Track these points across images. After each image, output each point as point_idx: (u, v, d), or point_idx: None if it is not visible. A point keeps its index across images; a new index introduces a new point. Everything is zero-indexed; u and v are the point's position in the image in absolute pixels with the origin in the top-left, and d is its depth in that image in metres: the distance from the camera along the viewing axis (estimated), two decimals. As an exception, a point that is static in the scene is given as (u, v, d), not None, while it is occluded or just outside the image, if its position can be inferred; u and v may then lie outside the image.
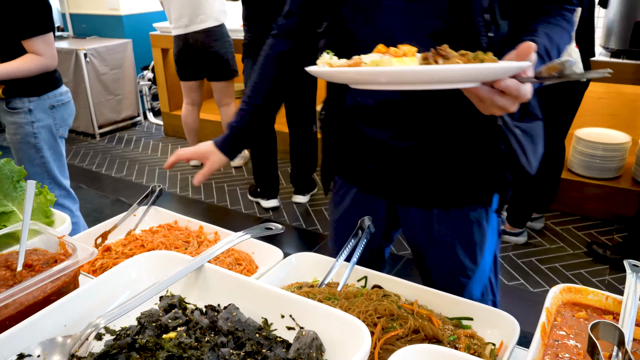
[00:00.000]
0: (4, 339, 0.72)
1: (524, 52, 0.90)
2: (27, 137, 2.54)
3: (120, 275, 0.85)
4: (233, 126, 1.48)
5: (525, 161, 1.21)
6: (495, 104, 0.91)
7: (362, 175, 1.44)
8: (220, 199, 4.21)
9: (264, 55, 1.49)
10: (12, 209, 1.09)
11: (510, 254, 3.29)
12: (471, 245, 1.38)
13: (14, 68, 2.38)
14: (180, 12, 4.07)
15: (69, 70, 5.48)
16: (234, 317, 0.74)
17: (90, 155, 5.29)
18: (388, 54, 0.95)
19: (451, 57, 0.90)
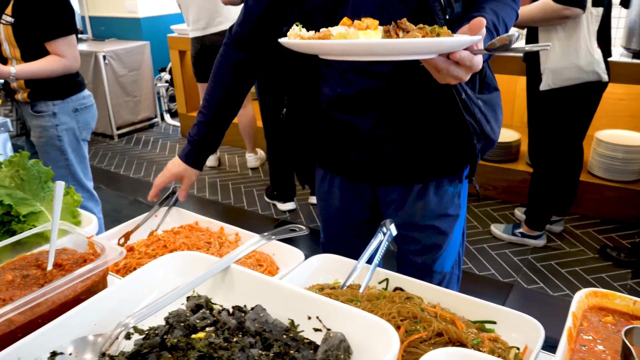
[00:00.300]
0: (37, 337, 0.73)
1: (476, 26, 0.98)
2: (51, 139, 2.61)
3: (148, 275, 0.86)
4: (192, 140, 1.59)
5: (489, 129, 1.35)
6: (451, 74, 1.00)
7: (344, 163, 1.53)
8: (237, 200, 4.23)
9: (216, 65, 1.58)
10: (40, 209, 1.11)
11: (529, 257, 3.27)
12: (447, 219, 1.51)
13: (37, 68, 2.44)
14: (198, 15, 4.11)
15: (88, 72, 5.55)
16: (261, 318, 0.74)
17: (108, 156, 5.35)
18: (353, 26, 1.03)
19: (410, 30, 1.00)
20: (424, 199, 1.48)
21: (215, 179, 4.64)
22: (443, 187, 1.48)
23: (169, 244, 1.42)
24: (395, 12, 1.24)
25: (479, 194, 1.57)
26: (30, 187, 1.13)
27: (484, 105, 1.34)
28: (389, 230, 1.27)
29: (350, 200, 1.61)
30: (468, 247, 3.41)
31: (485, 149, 1.40)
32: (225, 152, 5.24)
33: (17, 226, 1.07)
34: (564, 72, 2.79)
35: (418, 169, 1.44)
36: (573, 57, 2.75)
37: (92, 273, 0.84)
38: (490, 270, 3.16)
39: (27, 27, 2.43)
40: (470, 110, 1.29)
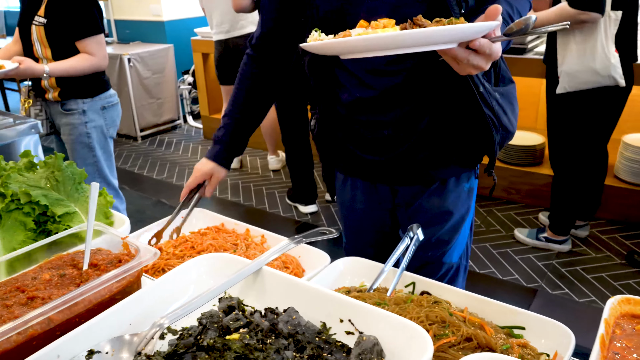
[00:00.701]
0: (75, 335, 0.75)
1: (493, 13, 0.98)
2: (80, 137, 2.72)
3: (181, 276, 0.88)
4: (218, 140, 1.63)
5: (507, 120, 1.37)
6: (471, 63, 1.00)
7: (363, 166, 1.55)
8: (258, 202, 4.26)
9: (240, 72, 1.63)
10: (74, 209, 1.13)
11: (553, 262, 3.22)
12: (459, 215, 1.53)
13: (68, 66, 2.54)
14: (222, 18, 4.15)
15: (113, 75, 5.64)
16: (294, 320, 0.75)
17: (132, 158, 5.43)
18: (370, 27, 1.05)
19: (426, 25, 0.99)
20: (440, 196, 1.51)
21: (237, 181, 4.68)
22: (460, 184, 1.51)
23: (197, 245, 1.44)
24: (410, 11, 1.25)
25: (494, 187, 1.58)
26: (65, 188, 1.15)
27: (500, 97, 1.35)
28: (415, 234, 1.27)
29: (371, 203, 1.63)
30: (491, 251, 3.38)
31: (504, 141, 1.41)
32: (247, 154, 5.27)
33: (52, 226, 1.10)
34: (580, 75, 2.75)
35: (437, 165, 1.46)
36: (589, 60, 2.71)
37: (127, 273, 0.86)
38: (514, 275, 3.12)
39: (58, 27, 2.54)
40: (489, 103, 1.30)
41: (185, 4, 6.23)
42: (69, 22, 2.53)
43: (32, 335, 0.77)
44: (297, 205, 4.08)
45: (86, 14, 2.55)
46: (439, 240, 1.56)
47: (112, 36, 6.64)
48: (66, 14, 2.52)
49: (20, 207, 1.06)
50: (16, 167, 1.19)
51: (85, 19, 2.54)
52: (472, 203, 1.57)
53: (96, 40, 2.60)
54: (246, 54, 1.61)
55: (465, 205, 1.54)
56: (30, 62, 2.45)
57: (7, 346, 0.74)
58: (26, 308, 0.81)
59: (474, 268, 3.21)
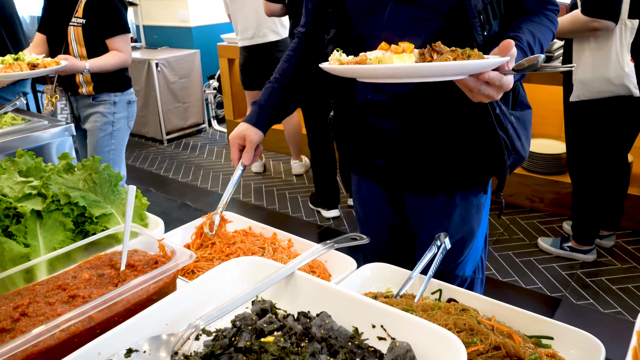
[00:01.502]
0: (115, 334, 0.78)
1: (505, 48, 1.04)
2: (105, 125, 3.00)
3: (216, 279, 0.90)
4: (256, 102, 1.59)
5: (520, 145, 1.38)
6: (482, 93, 1.06)
7: (374, 170, 1.58)
8: (282, 206, 4.29)
9: (290, 48, 1.64)
10: (111, 211, 1.17)
11: (578, 271, 3.18)
12: (470, 229, 1.53)
13: (103, 62, 2.82)
14: (246, 25, 4.22)
15: (141, 79, 5.74)
16: (327, 324, 0.77)
17: (158, 160, 5.51)
18: (389, 50, 1.11)
19: (444, 52, 1.07)
20: (448, 209, 1.51)
21: (260, 185, 4.72)
22: (468, 199, 1.50)
23: (225, 249, 1.46)
24: (431, 24, 1.28)
25: (502, 209, 1.57)
26: (102, 190, 1.19)
27: (516, 121, 1.37)
28: (443, 243, 1.28)
29: (384, 207, 1.66)
30: (514, 259, 3.35)
31: (515, 165, 1.41)
32: (270, 159, 5.31)
33: (90, 227, 1.13)
34: (593, 83, 2.71)
35: (444, 179, 1.47)
36: (602, 68, 2.66)
37: (164, 275, 0.88)
38: (537, 284, 3.09)
39: (94, 27, 2.82)
40: (504, 125, 1.31)
41: (212, 10, 6.33)
42: (103, 22, 2.81)
43: (74, 332, 0.80)
44: (320, 210, 4.10)
45: (117, 15, 2.84)
46: (449, 253, 1.53)
47: (140, 41, 6.77)
48: (101, 14, 2.80)
49: (60, 208, 1.10)
50: (55, 168, 1.23)
51: (117, 19, 2.84)
52: (483, 217, 1.57)
53: (124, 38, 2.89)
54: (296, 35, 1.64)
55: (475, 220, 1.54)
56: (73, 60, 2.69)
57: (51, 342, 0.77)
58: (68, 306, 0.85)
59: (497, 276, 3.18)
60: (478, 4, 1.22)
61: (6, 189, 1.10)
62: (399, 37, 1.30)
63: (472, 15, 1.21)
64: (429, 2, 1.26)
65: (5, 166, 1.20)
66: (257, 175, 4.93)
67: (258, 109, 1.57)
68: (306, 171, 4.92)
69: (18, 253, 0.98)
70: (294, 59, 1.62)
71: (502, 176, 1.42)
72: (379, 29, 1.34)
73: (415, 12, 1.29)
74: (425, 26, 1.29)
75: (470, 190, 1.50)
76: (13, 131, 2.29)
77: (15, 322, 0.80)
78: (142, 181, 4.93)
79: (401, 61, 1.04)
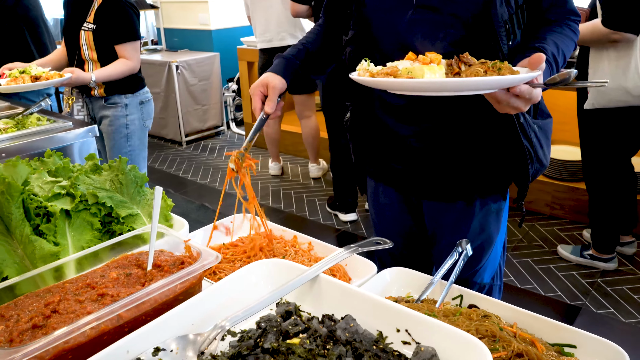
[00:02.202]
0: (143, 333, 0.79)
1: (536, 62, 1.06)
2: (120, 127, 3.03)
3: (242, 280, 0.91)
4: (284, 56, 1.54)
5: (542, 154, 1.38)
6: (511, 105, 1.08)
7: (392, 175, 1.58)
8: (299, 209, 4.30)
9: (318, 24, 1.63)
10: (137, 211, 1.19)
11: (598, 280, 3.14)
12: (488, 236, 1.53)
13: (109, 72, 2.86)
14: (265, 28, 4.25)
15: (161, 81, 5.81)
16: (352, 327, 0.77)
17: (177, 162, 5.57)
18: (417, 61, 1.14)
19: (472, 64, 1.10)
20: (466, 216, 1.51)
21: (278, 188, 4.74)
22: (487, 205, 1.50)
23: (248, 250, 1.47)
24: (452, 31, 1.28)
25: (523, 218, 1.55)
26: (128, 190, 1.21)
27: (539, 130, 1.37)
28: (464, 249, 1.28)
29: (402, 213, 1.66)
30: (533, 266, 3.32)
31: (536, 174, 1.41)
32: (288, 162, 5.34)
33: (116, 227, 1.15)
34: (610, 93, 2.68)
35: (463, 185, 1.47)
36: (620, 78, 2.64)
37: (190, 275, 0.90)
38: (557, 292, 3.06)
39: (104, 32, 2.86)
40: (527, 134, 1.31)
41: (232, 13, 6.38)
42: (113, 28, 2.85)
43: (103, 330, 0.81)
44: (337, 214, 4.10)
45: (128, 22, 2.87)
46: (468, 260, 1.55)
47: (161, 44, 6.85)
48: (112, 20, 2.84)
49: (88, 208, 1.12)
50: (83, 169, 1.25)
51: (127, 26, 2.87)
52: (502, 224, 1.56)
53: (133, 46, 2.93)
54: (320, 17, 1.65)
55: (494, 226, 1.54)
56: (79, 72, 2.74)
57: (81, 339, 0.79)
58: (97, 304, 0.86)
59: (515, 283, 3.16)
60: (504, 14, 1.21)
61: (36, 188, 1.13)
62: (419, 42, 1.31)
63: (498, 25, 1.21)
64: (450, 9, 1.26)
65: (35, 166, 1.22)
66: (275, 177, 4.96)
67: (284, 61, 1.52)
68: (324, 174, 4.93)
69: (48, 251, 1.00)
70: (321, 32, 1.60)
71: (524, 185, 1.42)
72: (399, 33, 1.34)
73: (436, 18, 1.28)
74: (447, 33, 1.29)
75: (490, 196, 1.50)
76: (38, 131, 2.33)
77: (47, 318, 0.82)
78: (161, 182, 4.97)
79: (431, 73, 1.05)
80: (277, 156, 5.00)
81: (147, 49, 6.63)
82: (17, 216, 1.02)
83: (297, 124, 5.24)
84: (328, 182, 4.78)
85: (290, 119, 5.62)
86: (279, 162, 5.04)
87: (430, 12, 1.28)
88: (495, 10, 1.19)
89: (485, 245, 1.54)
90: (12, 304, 0.87)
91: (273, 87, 1.46)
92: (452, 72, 1.12)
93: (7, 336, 0.79)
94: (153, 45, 6.89)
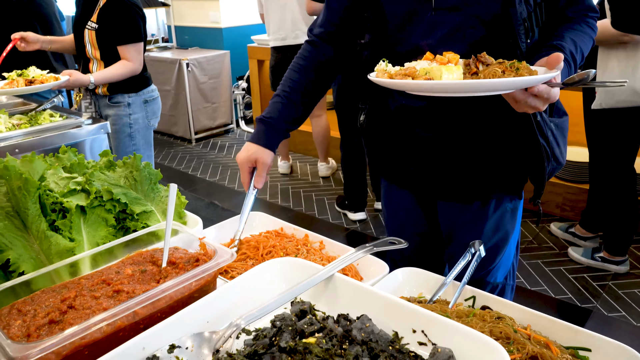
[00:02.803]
0: (159, 330, 0.79)
1: (554, 61, 1.06)
2: (124, 126, 3.03)
3: (256, 278, 0.91)
4: (264, 119, 1.50)
5: (559, 152, 1.37)
6: (529, 105, 1.08)
7: (406, 176, 1.57)
8: (308, 207, 4.30)
9: (302, 57, 1.56)
10: (151, 208, 1.19)
11: (609, 282, 3.12)
12: (503, 235, 1.52)
13: (109, 74, 2.85)
14: (279, 26, 4.24)
15: (171, 79, 5.83)
16: (367, 328, 0.77)
17: (186, 159, 5.59)
18: (435, 61, 1.14)
19: (490, 63, 1.10)
20: (483, 216, 1.50)
21: (287, 186, 4.74)
22: (503, 205, 1.49)
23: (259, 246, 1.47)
24: (472, 31, 1.27)
25: (540, 217, 1.55)
26: (142, 187, 1.22)
27: (555, 128, 1.36)
28: (477, 250, 1.27)
29: (415, 213, 1.65)
30: (543, 268, 3.30)
31: (553, 172, 1.41)
32: (297, 160, 5.34)
33: (130, 223, 1.16)
34: (618, 93, 2.68)
35: (480, 185, 1.46)
36: (629, 78, 2.63)
37: (206, 273, 0.90)
38: (567, 294, 3.04)
39: (106, 32, 2.85)
40: (544, 132, 1.31)
41: (243, 11, 6.39)
42: (115, 29, 2.83)
43: (119, 327, 0.82)
44: (347, 213, 4.10)
45: (130, 23, 2.84)
46: (482, 259, 1.55)
47: (172, 42, 6.87)
48: (114, 21, 2.82)
49: (103, 204, 1.13)
50: (97, 165, 1.26)
51: (129, 27, 2.84)
52: (516, 222, 1.56)
53: (135, 47, 2.89)
54: (307, 43, 1.58)
55: (509, 225, 1.53)
56: (77, 74, 2.75)
57: (97, 335, 0.79)
58: (112, 300, 0.87)
59: (525, 285, 3.14)
60: (523, 12, 1.21)
61: (52, 184, 1.13)
62: (438, 43, 1.30)
63: (517, 24, 1.20)
64: (471, 10, 1.25)
65: (50, 162, 1.23)
66: (284, 176, 4.96)
67: (266, 129, 1.49)
68: (333, 173, 4.93)
69: (64, 247, 1.01)
70: (309, 71, 1.54)
71: (540, 183, 1.41)
72: (417, 36, 1.33)
73: (456, 19, 1.28)
74: (466, 33, 1.28)
75: (506, 196, 1.49)
76: (51, 127, 2.35)
77: (63, 314, 0.83)
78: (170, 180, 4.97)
79: (449, 73, 1.05)
80: (286, 155, 5.00)
81: (157, 47, 6.66)
82: (33, 212, 1.03)
83: (307, 122, 5.23)
84: (337, 181, 4.77)
85: (299, 118, 5.61)
86: (288, 160, 5.05)
87: (449, 14, 1.27)
88: (514, 8, 1.19)
89: (500, 245, 1.54)
90: (29, 299, 0.88)
91: (263, 164, 1.46)
92: (470, 72, 1.11)
93: (25, 331, 0.80)
94: (164, 43, 6.92)
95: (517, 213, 1.54)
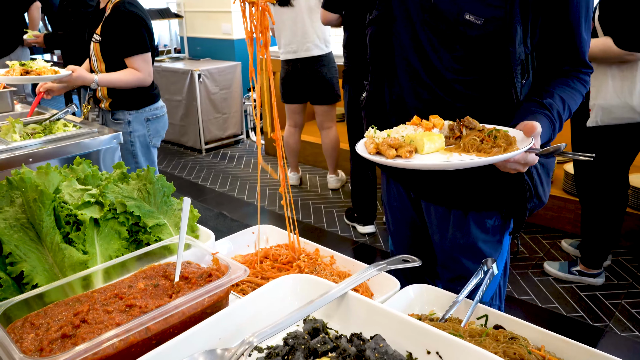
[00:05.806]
0: (172, 346, 0.79)
1: (530, 130, 1.18)
2: (125, 144, 2.95)
3: (269, 295, 0.91)
4: None
5: (542, 190, 1.45)
6: (509, 168, 1.21)
7: (396, 170, 1.62)
8: (317, 220, 4.30)
9: None
10: (164, 222, 1.19)
11: (622, 301, 3.08)
12: (483, 252, 1.56)
13: (114, 78, 2.79)
14: (290, 39, 4.27)
15: (183, 89, 5.87)
16: (381, 348, 0.76)
17: (196, 169, 5.61)
18: (420, 126, 1.29)
19: (473, 127, 1.24)
20: (462, 226, 1.54)
21: (296, 198, 4.74)
22: (482, 220, 1.52)
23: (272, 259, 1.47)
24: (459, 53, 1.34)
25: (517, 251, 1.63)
26: (155, 200, 1.22)
27: (540, 167, 1.44)
28: (490, 268, 1.26)
29: (405, 205, 1.72)
30: (555, 285, 3.27)
31: (533, 210, 1.47)
32: (306, 172, 5.34)
33: (143, 236, 1.16)
34: (615, 110, 2.71)
35: (458, 196, 1.51)
36: (627, 96, 2.68)
37: (219, 289, 0.89)
38: (579, 312, 3.00)
39: (111, 44, 2.81)
40: (530, 170, 1.38)
41: (254, 23, 6.43)
42: (119, 41, 2.79)
43: (131, 342, 0.81)
44: (355, 225, 4.09)
45: (135, 34, 2.79)
46: (462, 275, 1.57)
47: (184, 52, 6.94)
48: (117, 33, 2.78)
49: (116, 217, 1.13)
50: (111, 177, 1.26)
51: (134, 38, 2.79)
52: (504, 243, 1.58)
53: (143, 58, 2.84)
54: None
55: (491, 242, 1.55)
56: (82, 71, 2.70)
57: (110, 351, 0.79)
58: (125, 315, 0.86)
59: (536, 302, 3.11)
60: (521, 53, 1.28)
61: (67, 196, 1.14)
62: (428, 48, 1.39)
63: (515, 63, 1.27)
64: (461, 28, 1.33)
65: (65, 173, 1.24)
66: (293, 188, 4.96)
67: None
68: (342, 186, 4.92)
69: (77, 260, 1.01)
70: None
71: (521, 219, 1.47)
72: (413, 25, 1.42)
73: (442, 27, 1.36)
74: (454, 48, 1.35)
75: (483, 212, 1.52)
76: (65, 137, 2.36)
77: (76, 328, 0.83)
78: (179, 190, 5.01)
79: (431, 143, 1.21)
80: (296, 166, 5.01)
81: (170, 57, 6.72)
82: (48, 224, 1.03)
83: (317, 134, 5.24)
84: (346, 194, 4.77)
85: (310, 130, 5.62)
86: (298, 172, 5.05)
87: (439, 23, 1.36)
88: (513, 48, 1.26)
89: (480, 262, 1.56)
90: (42, 312, 0.88)
91: None
92: (454, 136, 1.26)
93: (38, 345, 0.80)
94: (176, 54, 6.98)
95: (498, 232, 1.56)
